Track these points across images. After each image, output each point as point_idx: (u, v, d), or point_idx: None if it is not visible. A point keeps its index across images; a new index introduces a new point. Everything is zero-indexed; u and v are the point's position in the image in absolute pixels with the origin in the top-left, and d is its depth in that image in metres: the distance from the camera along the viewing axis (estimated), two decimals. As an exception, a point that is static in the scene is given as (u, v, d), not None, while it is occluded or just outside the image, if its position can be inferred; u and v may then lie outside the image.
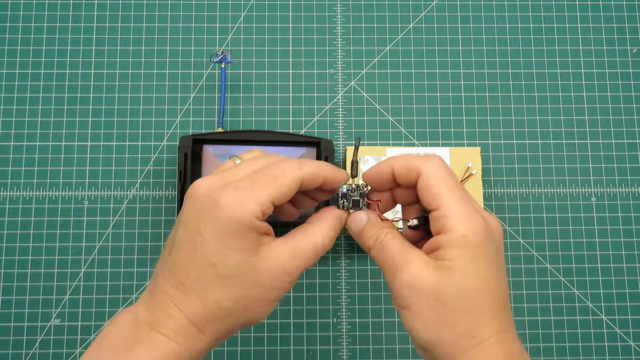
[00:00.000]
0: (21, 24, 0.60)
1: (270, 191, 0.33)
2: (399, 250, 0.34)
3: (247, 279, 0.33)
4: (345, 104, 0.60)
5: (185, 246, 0.33)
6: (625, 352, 0.56)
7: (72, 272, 0.56)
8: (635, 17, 0.62)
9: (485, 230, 0.32)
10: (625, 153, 0.60)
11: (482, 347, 0.31)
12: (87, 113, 0.59)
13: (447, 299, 0.31)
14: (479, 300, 0.32)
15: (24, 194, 0.57)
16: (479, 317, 0.32)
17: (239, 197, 0.32)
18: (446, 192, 0.33)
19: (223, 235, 0.32)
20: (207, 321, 0.33)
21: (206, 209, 0.32)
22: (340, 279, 0.57)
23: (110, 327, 0.34)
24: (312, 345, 0.55)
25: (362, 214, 0.37)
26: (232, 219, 0.32)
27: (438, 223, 0.33)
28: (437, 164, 0.34)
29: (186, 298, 0.33)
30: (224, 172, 0.35)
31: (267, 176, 0.33)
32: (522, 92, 0.61)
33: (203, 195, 0.33)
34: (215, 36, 0.61)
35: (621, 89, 0.61)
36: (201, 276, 0.33)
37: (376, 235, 0.35)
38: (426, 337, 0.32)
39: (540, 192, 0.59)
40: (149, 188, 0.58)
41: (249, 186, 0.33)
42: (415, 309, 0.32)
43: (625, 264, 0.57)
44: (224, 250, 0.32)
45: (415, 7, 0.62)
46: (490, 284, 0.32)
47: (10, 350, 0.54)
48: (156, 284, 0.34)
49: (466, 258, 0.32)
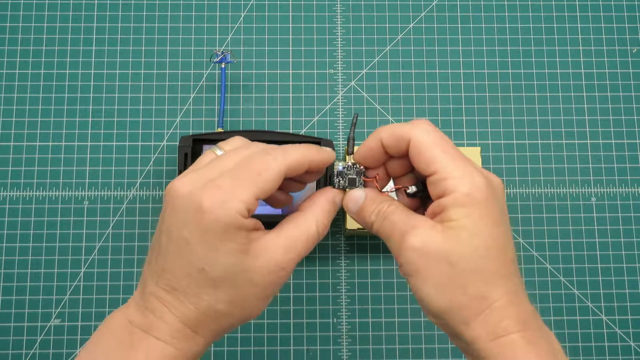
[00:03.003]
0: (21, 24, 0.60)
1: (254, 188, 0.31)
2: (403, 217, 0.33)
3: (240, 280, 0.32)
4: (345, 104, 0.60)
5: (171, 253, 0.32)
6: (625, 352, 0.56)
7: (72, 272, 0.56)
8: (635, 17, 0.62)
9: (488, 186, 0.31)
10: (625, 153, 0.60)
11: (494, 308, 0.31)
12: (87, 113, 0.59)
13: (457, 259, 0.31)
14: (488, 259, 0.31)
15: (24, 194, 0.57)
16: (489, 277, 0.31)
17: (221, 197, 0.31)
18: (441, 155, 0.32)
19: (209, 239, 0.31)
20: (202, 324, 0.32)
21: (189, 214, 0.31)
22: (340, 279, 0.57)
23: (103, 330, 0.33)
24: (312, 345, 0.55)
25: (359, 191, 0.35)
26: (217, 222, 0.30)
27: (438, 187, 0.32)
28: (425, 129, 0.33)
29: (179, 303, 0.32)
30: (204, 168, 0.33)
31: (250, 172, 0.32)
32: (522, 92, 0.61)
33: (184, 197, 0.31)
34: (215, 36, 0.61)
35: (621, 89, 0.61)
36: (192, 282, 0.32)
37: (377, 209, 0.34)
38: (438, 302, 0.31)
39: (540, 192, 0.59)
40: (149, 188, 0.58)
41: (230, 184, 0.31)
42: (425, 273, 0.31)
43: (625, 264, 0.57)
44: (212, 254, 0.31)
45: (415, 7, 0.62)
46: (499, 242, 0.31)
47: (10, 350, 0.54)
48: (145, 287, 0.33)
49: (473, 216, 0.31)
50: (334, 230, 0.58)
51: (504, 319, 0.30)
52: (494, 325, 0.30)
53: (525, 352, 0.30)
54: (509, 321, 0.30)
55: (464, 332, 0.31)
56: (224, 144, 0.35)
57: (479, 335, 0.31)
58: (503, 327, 0.30)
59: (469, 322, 0.31)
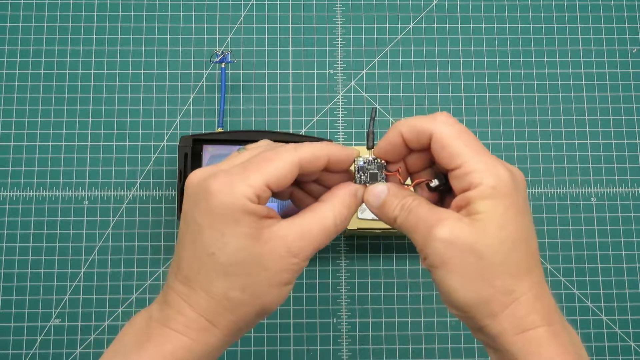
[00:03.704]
0: (21, 24, 0.60)
1: (263, 173, 0.31)
2: (429, 210, 0.32)
3: (250, 265, 0.31)
4: (345, 104, 0.60)
5: (185, 238, 0.32)
6: (625, 352, 0.56)
7: (72, 272, 0.56)
8: (635, 17, 0.62)
9: (512, 179, 0.31)
10: (625, 153, 0.60)
11: (521, 302, 0.30)
12: (87, 113, 0.59)
13: (484, 252, 0.30)
14: (515, 252, 0.31)
15: (24, 194, 0.57)
16: (516, 270, 0.31)
17: (229, 181, 0.31)
18: (464, 148, 0.31)
19: (217, 222, 0.31)
20: (217, 314, 0.32)
21: (199, 198, 0.32)
22: (340, 279, 0.57)
23: (126, 328, 0.34)
24: (312, 345, 0.55)
25: (382, 185, 0.35)
26: (223, 204, 0.31)
27: (463, 181, 0.31)
28: (446, 122, 0.32)
29: (193, 293, 0.32)
30: (223, 162, 0.34)
31: (260, 160, 0.32)
32: (522, 92, 0.61)
33: (196, 185, 0.32)
34: (215, 36, 0.61)
35: (621, 89, 0.61)
36: (203, 267, 0.32)
37: (402, 203, 0.34)
38: (464, 295, 0.31)
39: (540, 192, 0.59)
40: (149, 188, 0.58)
41: (240, 171, 0.31)
42: (452, 265, 0.31)
43: (625, 264, 0.57)
44: (220, 237, 0.31)
45: (415, 7, 0.62)
46: (523, 235, 0.31)
47: (10, 351, 0.54)
48: (167, 282, 0.34)
49: (499, 209, 0.31)
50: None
51: (530, 313, 0.30)
52: (520, 319, 0.30)
53: (550, 345, 0.30)
54: (535, 315, 0.30)
55: (489, 325, 0.31)
56: (251, 145, 0.36)
57: (505, 329, 0.30)
58: (529, 321, 0.30)
59: (495, 316, 0.31)
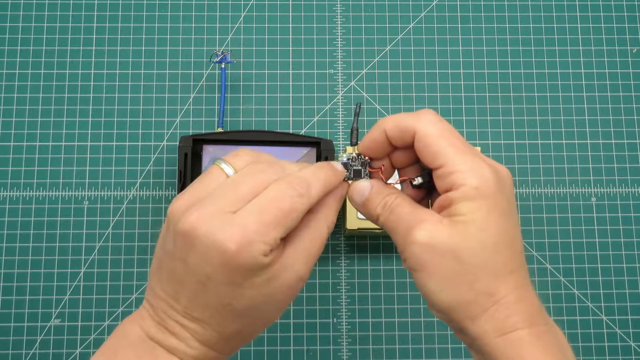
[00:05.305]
0: (21, 24, 0.60)
1: (280, 229, 0.30)
2: (409, 211, 0.32)
3: (264, 304, 0.32)
4: (345, 104, 0.60)
5: (192, 286, 0.31)
6: (625, 352, 0.56)
7: (72, 272, 0.56)
8: (635, 17, 0.62)
9: (496, 179, 0.31)
10: (625, 153, 0.60)
11: (502, 304, 0.30)
12: (87, 113, 0.59)
13: (464, 255, 0.30)
14: (496, 254, 0.30)
15: (24, 194, 0.57)
16: (497, 272, 0.30)
17: (246, 241, 0.29)
18: (448, 148, 0.31)
19: (234, 279, 0.30)
20: (225, 344, 0.33)
21: (212, 254, 0.30)
22: (340, 279, 0.57)
23: (120, 342, 0.33)
24: (312, 345, 0.55)
25: (365, 182, 0.34)
26: (242, 265, 0.30)
27: (445, 180, 0.31)
28: (430, 120, 0.32)
29: (202, 330, 0.32)
30: (218, 195, 0.31)
31: (276, 212, 0.30)
32: (522, 92, 0.61)
33: (204, 237, 0.30)
34: (215, 36, 0.61)
35: (621, 89, 0.61)
36: (216, 314, 0.31)
37: (384, 201, 0.33)
38: (443, 299, 0.30)
39: (540, 192, 0.59)
40: (149, 188, 0.58)
41: (256, 227, 0.30)
42: (431, 268, 0.30)
43: (625, 264, 0.57)
44: (238, 289, 0.30)
45: (415, 7, 0.62)
46: (506, 237, 0.31)
47: (10, 351, 0.54)
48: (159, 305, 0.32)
49: (482, 210, 0.30)
50: (334, 230, 0.57)
51: (512, 315, 0.30)
52: (501, 321, 0.30)
53: (532, 347, 0.30)
54: (516, 317, 0.30)
55: (469, 327, 0.31)
56: (232, 158, 0.33)
57: (485, 331, 0.30)
58: (510, 324, 0.30)
59: (475, 319, 0.30)
